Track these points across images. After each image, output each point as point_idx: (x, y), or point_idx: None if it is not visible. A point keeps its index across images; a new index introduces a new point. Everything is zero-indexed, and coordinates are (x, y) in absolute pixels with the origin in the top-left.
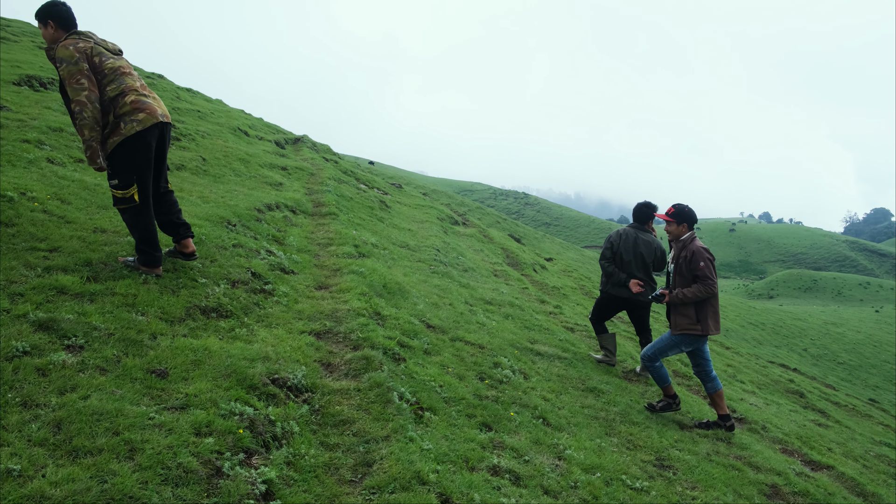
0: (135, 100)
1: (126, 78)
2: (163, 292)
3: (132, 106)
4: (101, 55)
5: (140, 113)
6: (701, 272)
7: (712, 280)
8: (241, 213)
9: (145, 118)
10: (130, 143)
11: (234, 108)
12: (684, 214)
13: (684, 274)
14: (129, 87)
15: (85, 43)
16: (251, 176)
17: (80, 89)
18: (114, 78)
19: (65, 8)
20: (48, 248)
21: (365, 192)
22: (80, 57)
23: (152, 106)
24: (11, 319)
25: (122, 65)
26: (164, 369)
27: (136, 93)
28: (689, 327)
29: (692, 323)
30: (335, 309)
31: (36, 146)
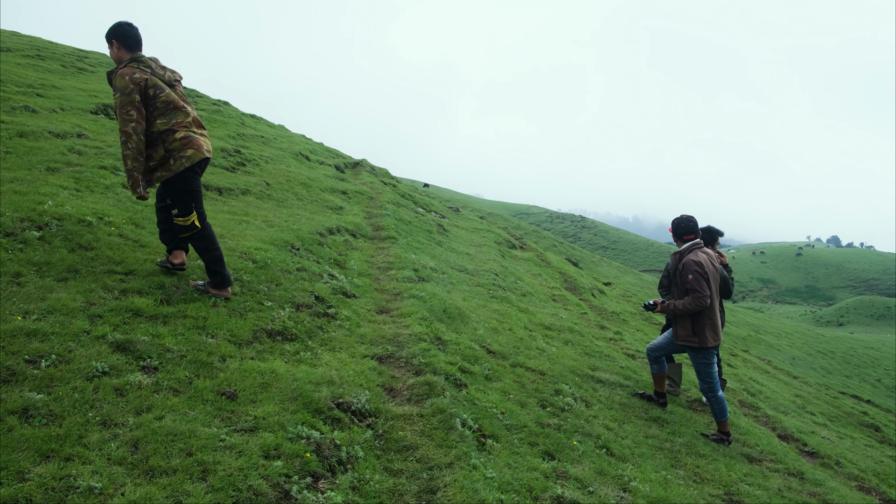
0: (184, 136)
1: (177, 113)
2: (231, 315)
3: (182, 143)
4: (157, 87)
5: (189, 149)
6: (689, 285)
7: (701, 293)
8: (304, 237)
9: (193, 154)
10: (182, 177)
11: (296, 134)
12: (677, 228)
13: (679, 285)
14: (179, 122)
15: (142, 74)
16: (313, 200)
17: (128, 120)
18: (165, 111)
19: (129, 29)
20: (124, 272)
21: (423, 216)
22: (133, 88)
23: (199, 142)
24: (91, 340)
25: (174, 99)
26: (234, 391)
27: (187, 129)
28: (688, 339)
29: (690, 335)
30: (397, 333)
31: (112, 172)
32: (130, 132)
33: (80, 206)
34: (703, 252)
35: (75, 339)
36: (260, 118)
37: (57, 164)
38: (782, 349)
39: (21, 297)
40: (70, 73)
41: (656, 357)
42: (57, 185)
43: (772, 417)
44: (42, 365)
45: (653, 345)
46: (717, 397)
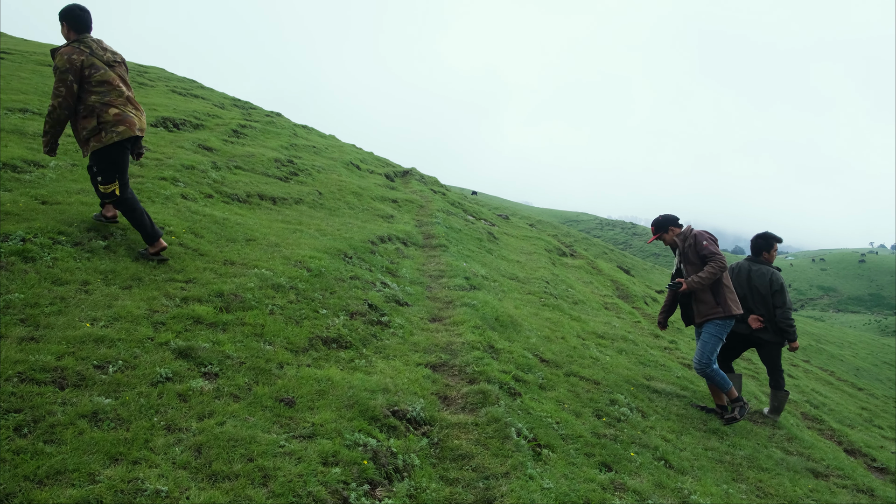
0: (118, 113)
1: (112, 91)
2: (287, 323)
3: (115, 118)
4: (93, 67)
5: (121, 126)
6: (706, 250)
7: (720, 255)
8: (356, 245)
9: (125, 130)
10: (110, 149)
11: (347, 143)
12: (660, 224)
13: (693, 261)
14: (112, 100)
15: (79, 55)
16: (364, 209)
17: (57, 95)
18: (101, 90)
19: (81, 12)
20: (185, 280)
21: (473, 224)
22: (69, 69)
23: (132, 120)
24: (155, 347)
25: (110, 78)
26: (292, 398)
27: (122, 107)
28: (711, 312)
29: (712, 307)
30: (450, 342)
31: (171, 183)
32: (56, 106)
33: None
34: None
35: (140, 346)
36: (311, 129)
37: None
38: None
39: (89, 305)
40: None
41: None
42: None
43: (837, 431)
44: (110, 370)
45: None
46: (714, 369)
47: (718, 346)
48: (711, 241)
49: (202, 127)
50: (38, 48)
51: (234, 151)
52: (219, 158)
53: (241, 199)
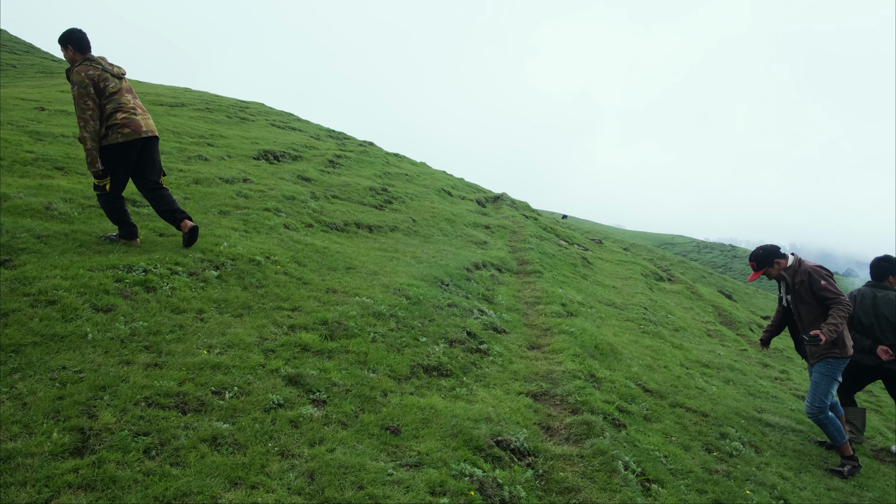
0: (125, 117)
1: (122, 98)
2: (389, 351)
3: (121, 121)
4: (106, 80)
5: (126, 128)
6: (828, 291)
7: (842, 295)
8: (451, 272)
9: (130, 133)
10: (113, 149)
11: (437, 170)
12: (763, 257)
13: (808, 300)
14: (122, 105)
15: (94, 70)
16: (457, 235)
17: (86, 109)
18: (112, 99)
19: (81, 35)
20: (291, 308)
21: (566, 249)
22: (88, 83)
23: (137, 123)
24: (267, 373)
25: (120, 88)
26: (397, 426)
27: (129, 113)
28: (826, 352)
29: (828, 347)
30: (550, 370)
31: (274, 214)
32: (88, 118)
33: (249, 247)
34: None
35: (253, 373)
36: (403, 157)
37: (227, 207)
38: None
39: (204, 332)
40: (234, 123)
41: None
42: (229, 227)
43: None
44: (226, 396)
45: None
46: (829, 417)
47: (833, 387)
48: (829, 278)
49: (300, 158)
50: (150, 89)
51: (331, 181)
52: (317, 188)
53: (340, 227)
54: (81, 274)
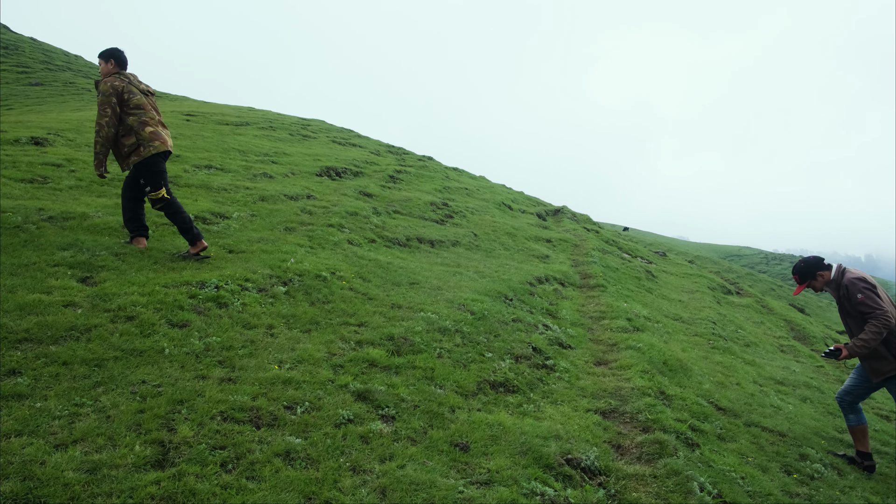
0: (153, 131)
1: (146, 113)
2: (455, 366)
3: (150, 135)
4: (130, 92)
5: (156, 141)
6: (864, 306)
7: (880, 308)
8: (515, 287)
9: (159, 145)
10: (150, 160)
11: (497, 184)
12: (805, 271)
13: (852, 313)
14: (148, 120)
15: (121, 82)
16: (519, 249)
17: (104, 115)
18: (137, 112)
19: (122, 53)
20: (357, 323)
21: (629, 262)
22: (112, 93)
23: (164, 137)
24: (336, 389)
25: (144, 102)
26: (466, 443)
27: (155, 126)
28: (891, 369)
29: (891, 363)
30: (618, 387)
31: (338, 229)
32: (104, 124)
33: (315, 263)
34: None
35: (322, 388)
36: (462, 170)
37: (293, 223)
38: None
39: (275, 348)
40: (296, 140)
41: (850, 403)
42: (294, 244)
43: None
44: (298, 411)
45: (842, 389)
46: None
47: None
48: (868, 290)
49: (361, 174)
50: (216, 109)
51: (392, 196)
52: (378, 204)
53: (402, 242)
54: (157, 290)
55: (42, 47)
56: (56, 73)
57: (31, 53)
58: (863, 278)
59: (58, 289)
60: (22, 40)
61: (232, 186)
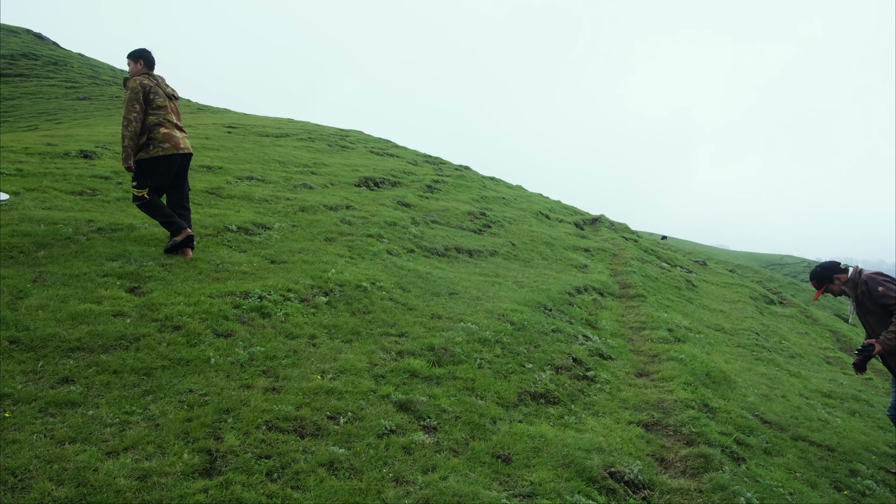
0: (166, 132)
1: (166, 115)
2: (496, 377)
3: (163, 137)
4: (156, 93)
5: (167, 143)
6: (885, 297)
7: None
8: (554, 297)
9: (169, 148)
10: (154, 161)
11: (534, 193)
12: (821, 275)
13: (873, 310)
14: (165, 121)
15: (149, 81)
16: (557, 259)
17: (132, 111)
18: (157, 112)
19: (151, 54)
20: (397, 333)
21: (669, 272)
22: (140, 90)
23: (177, 140)
24: (378, 399)
25: (166, 105)
26: (508, 455)
27: (170, 128)
28: None
29: None
30: (660, 399)
31: (377, 240)
32: (132, 119)
33: (356, 273)
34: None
35: (365, 398)
36: (499, 180)
37: (332, 234)
38: None
39: (317, 358)
40: (335, 151)
41: None
42: (335, 254)
43: None
44: (341, 421)
45: (891, 404)
46: None
47: None
48: (888, 283)
49: (399, 184)
50: (256, 121)
51: (430, 206)
52: (416, 214)
53: (440, 252)
54: (203, 300)
55: (89, 63)
56: (103, 88)
57: (80, 69)
58: (880, 272)
59: (107, 299)
60: (71, 56)
61: (273, 197)
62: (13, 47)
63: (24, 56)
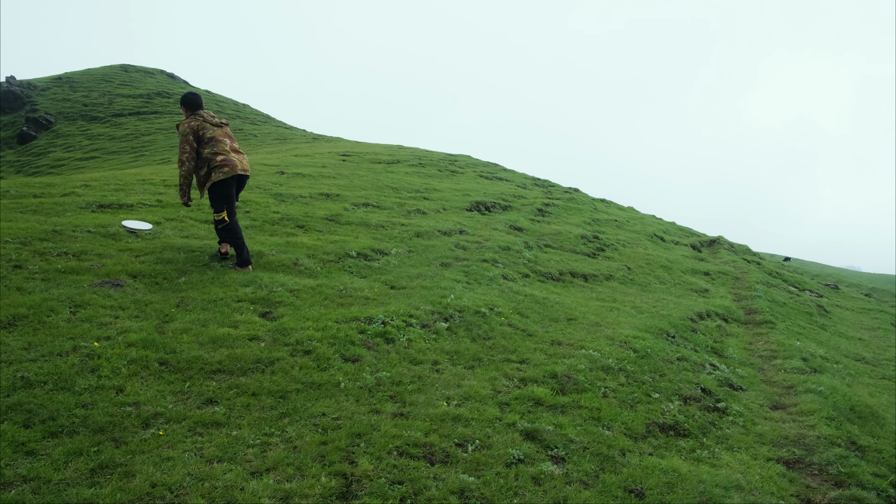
0: (223, 159)
1: (219, 144)
2: (622, 406)
3: (220, 163)
4: (205, 129)
5: (225, 167)
6: None
7: None
8: (675, 323)
9: (228, 171)
10: (219, 185)
11: (647, 214)
12: None
13: None
14: (220, 150)
15: (195, 122)
16: (675, 283)
17: (184, 152)
18: (210, 144)
19: (192, 97)
20: (518, 360)
21: (797, 296)
22: (189, 132)
23: (234, 163)
24: (504, 427)
25: (216, 135)
26: (640, 489)
27: (225, 154)
28: None
29: None
30: (801, 434)
31: (492, 264)
32: (185, 160)
33: (474, 298)
34: None
35: (491, 426)
36: (610, 202)
37: (448, 259)
38: None
39: (441, 384)
40: (445, 176)
41: None
42: (452, 279)
43: None
44: (469, 449)
45: None
46: None
47: None
48: None
49: (510, 208)
50: (368, 148)
51: (542, 230)
52: (529, 238)
53: (555, 277)
54: (330, 326)
55: (215, 98)
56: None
57: (206, 104)
58: None
59: (243, 323)
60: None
61: (388, 223)
62: (149, 87)
63: (158, 95)
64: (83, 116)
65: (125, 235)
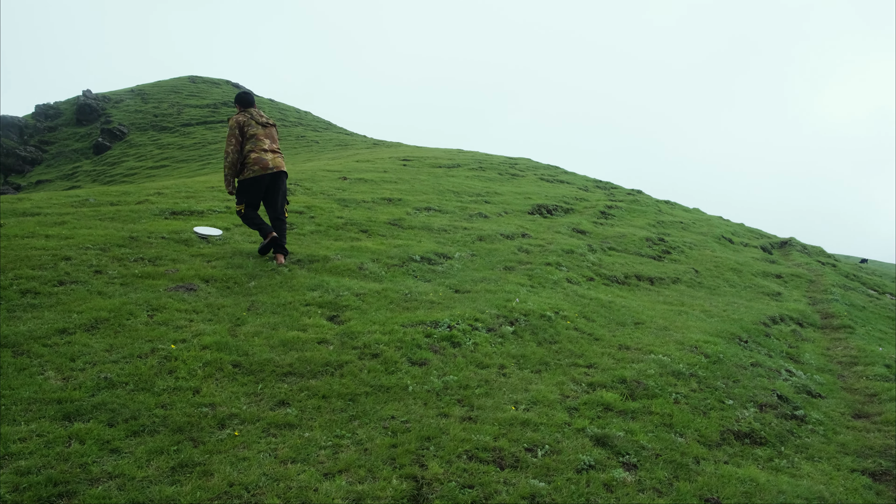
0: (256, 157)
1: (257, 141)
2: (694, 413)
3: (253, 161)
4: (249, 125)
5: (256, 166)
6: None
7: None
8: (747, 327)
9: (258, 170)
10: (247, 182)
11: (713, 216)
12: None
13: None
14: (256, 147)
15: (243, 117)
16: (745, 286)
17: (229, 144)
18: (251, 141)
19: (244, 95)
20: (586, 364)
21: (878, 300)
22: (235, 126)
23: (266, 161)
24: (573, 432)
25: (258, 133)
26: (717, 499)
27: (261, 153)
28: None
29: None
30: (887, 445)
31: (556, 268)
32: (230, 152)
33: (539, 302)
34: None
35: (560, 431)
36: (674, 203)
37: (511, 262)
38: None
39: (508, 388)
40: (505, 180)
41: None
42: (516, 283)
43: None
44: (539, 454)
45: None
46: None
47: None
48: None
49: (572, 211)
50: (428, 153)
51: (605, 233)
52: (593, 241)
53: (620, 280)
54: (396, 329)
55: (278, 106)
56: (290, 129)
57: (269, 112)
58: None
59: (311, 326)
60: (262, 102)
61: (451, 227)
62: (215, 97)
63: (224, 104)
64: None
65: (197, 241)
